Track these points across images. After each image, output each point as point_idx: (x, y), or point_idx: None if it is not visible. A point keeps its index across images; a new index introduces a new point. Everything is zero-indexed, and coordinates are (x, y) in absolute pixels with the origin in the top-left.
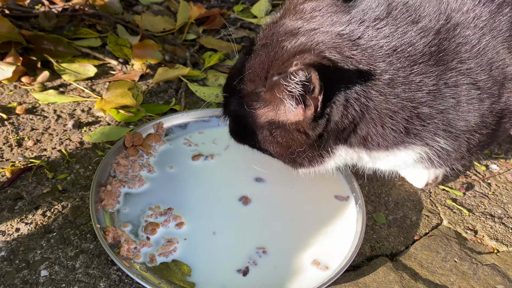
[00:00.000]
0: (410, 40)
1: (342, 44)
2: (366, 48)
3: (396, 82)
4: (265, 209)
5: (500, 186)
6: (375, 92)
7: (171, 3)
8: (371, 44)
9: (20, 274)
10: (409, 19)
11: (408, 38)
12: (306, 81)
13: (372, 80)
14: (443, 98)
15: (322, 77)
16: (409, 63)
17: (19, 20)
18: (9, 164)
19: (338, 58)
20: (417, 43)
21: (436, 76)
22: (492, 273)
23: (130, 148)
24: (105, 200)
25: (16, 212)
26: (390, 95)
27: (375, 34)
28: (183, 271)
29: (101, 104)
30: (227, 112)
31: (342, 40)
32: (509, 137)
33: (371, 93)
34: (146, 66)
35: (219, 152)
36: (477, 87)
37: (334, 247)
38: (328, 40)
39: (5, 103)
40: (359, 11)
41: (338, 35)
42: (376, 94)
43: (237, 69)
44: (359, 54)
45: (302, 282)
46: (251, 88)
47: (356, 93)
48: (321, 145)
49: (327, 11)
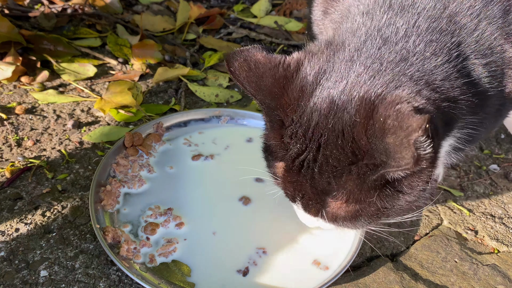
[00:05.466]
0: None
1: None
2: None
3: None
4: (265, 209)
5: (500, 186)
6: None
7: (171, 3)
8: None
9: (20, 274)
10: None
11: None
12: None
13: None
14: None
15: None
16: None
17: (19, 20)
18: (8, 164)
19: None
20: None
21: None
22: (492, 273)
23: (129, 148)
24: (104, 200)
25: (16, 212)
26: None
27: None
28: (183, 271)
29: (100, 104)
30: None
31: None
32: (509, 137)
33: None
34: (146, 66)
35: (219, 152)
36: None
37: (334, 247)
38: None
39: (5, 103)
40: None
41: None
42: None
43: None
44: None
45: (302, 282)
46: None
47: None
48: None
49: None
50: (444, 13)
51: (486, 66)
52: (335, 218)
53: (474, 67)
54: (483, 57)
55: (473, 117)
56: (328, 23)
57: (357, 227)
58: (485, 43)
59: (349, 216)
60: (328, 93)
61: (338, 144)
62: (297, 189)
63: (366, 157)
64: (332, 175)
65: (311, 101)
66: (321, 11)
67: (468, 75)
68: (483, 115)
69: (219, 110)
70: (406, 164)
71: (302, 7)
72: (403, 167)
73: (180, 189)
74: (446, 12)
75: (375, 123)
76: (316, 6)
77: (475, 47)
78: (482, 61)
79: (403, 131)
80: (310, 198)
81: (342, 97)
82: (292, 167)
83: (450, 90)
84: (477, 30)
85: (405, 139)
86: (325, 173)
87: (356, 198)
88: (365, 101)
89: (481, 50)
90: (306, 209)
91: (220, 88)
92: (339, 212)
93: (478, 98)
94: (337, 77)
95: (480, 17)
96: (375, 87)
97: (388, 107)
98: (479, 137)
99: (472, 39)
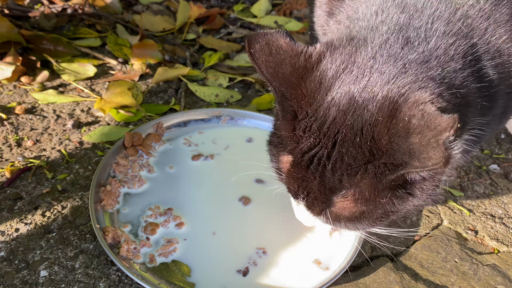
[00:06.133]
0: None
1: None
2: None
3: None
4: (265, 209)
5: (500, 186)
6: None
7: (171, 3)
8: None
9: (20, 274)
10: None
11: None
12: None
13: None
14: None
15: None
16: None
17: (19, 20)
18: (8, 164)
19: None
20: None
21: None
22: (492, 274)
23: (129, 148)
24: (104, 200)
25: (16, 212)
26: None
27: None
28: (183, 271)
29: (100, 104)
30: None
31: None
32: (509, 137)
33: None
34: (146, 66)
35: (219, 152)
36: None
37: (334, 247)
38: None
39: (5, 103)
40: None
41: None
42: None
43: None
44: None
45: (302, 282)
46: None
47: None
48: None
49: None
50: (456, 15)
51: (495, 68)
52: (338, 218)
53: (485, 69)
54: (492, 59)
55: (482, 118)
56: (333, 24)
57: (358, 229)
58: (494, 45)
59: (353, 217)
60: (349, 89)
61: (355, 142)
62: (302, 186)
63: (385, 157)
64: (346, 173)
65: (329, 96)
66: (325, 11)
67: (481, 78)
68: (491, 117)
69: (219, 110)
70: (433, 164)
71: (302, 7)
72: (429, 167)
73: (180, 189)
74: (457, 14)
75: (399, 122)
76: (320, 7)
77: (485, 49)
78: (491, 63)
79: (430, 130)
80: (316, 196)
81: (364, 94)
82: (301, 162)
83: (467, 93)
84: (487, 33)
85: (433, 139)
86: (338, 170)
87: (366, 198)
88: (389, 100)
89: (490, 53)
90: (309, 207)
91: (220, 88)
92: (344, 212)
93: (487, 101)
94: (359, 73)
95: (490, 20)
96: (399, 87)
97: (412, 107)
98: (484, 138)
99: (483, 41)
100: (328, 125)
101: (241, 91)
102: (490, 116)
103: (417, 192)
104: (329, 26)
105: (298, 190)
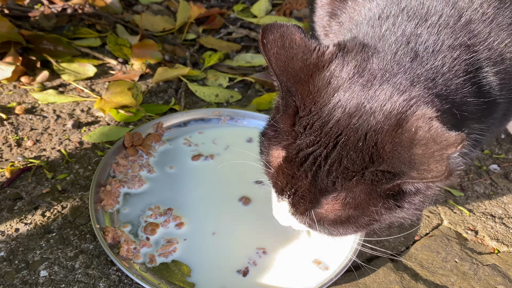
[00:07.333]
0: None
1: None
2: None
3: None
4: (265, 209)
5: (500, 186)
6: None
7: (171, 3)
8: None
9: (20, 274)
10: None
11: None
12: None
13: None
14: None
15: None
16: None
17: (19, 20)
18: (8, 164)
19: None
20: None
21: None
22: (492, 274)
23: (129, 148)
24: (104, 200)
25: (16, 212)
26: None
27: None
28: (183, 271)
29: (100, 104)
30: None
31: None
32: (509, 137)
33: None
34: (146, 66)
35: (219, 152)
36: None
37: (334, 248)
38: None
39: (5, 103)
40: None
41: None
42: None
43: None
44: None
45: (302, 282)
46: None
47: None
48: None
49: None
50: (460, 22)
51: (497, 74)
52: (322, 220)
53: (487, 76)
54: (494, 65)
55: (481, 124)
56: (335, 25)
57: (340, 234)
58: (496, 50)
59: (338, 221)
60: (358, 94)
61: (357, 146)
62: (291, 183)
63: (384, 164)
64: (341, 176)
65: (337, 97)
66: (327, 12)
67: (483, 87)
68: (491, 121)
69: (219, 110)
70: (433, 177)
71: (302, 7)
72: (428, 179)
73: (180, 189)
74: (461, 20)
75: (404, 132)
76: (322, 7)
77: (487, 55)
78: (493, 69)
79: (436, 144)
80: (304, 194)
81: (372, 101)
82: (295, 159)
83: (468, 107)
84: (490, 38)
85: (438, 152)
86: (334, 172)
87: (357, 203)
88: (396, 110)
89: (492, 58)
90: (294, 204)
91: (220, 88)
92: (330, 215)
93: (488, 107)
94: (370, 81)
95: (492, 24)
96: (407, 100)
97: (419, 120)
98: (484, 141)
99: (485, 47)
100: (331, 125)
101: (241, 91)
102: (490, 121)
103: (405, 205)
104: (331, 27)
105: (286, 186)
